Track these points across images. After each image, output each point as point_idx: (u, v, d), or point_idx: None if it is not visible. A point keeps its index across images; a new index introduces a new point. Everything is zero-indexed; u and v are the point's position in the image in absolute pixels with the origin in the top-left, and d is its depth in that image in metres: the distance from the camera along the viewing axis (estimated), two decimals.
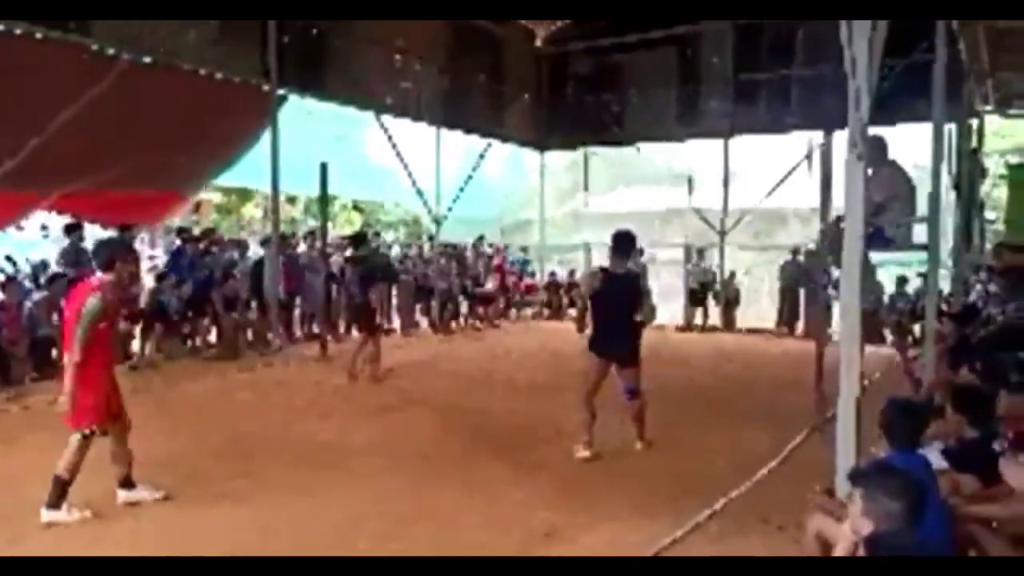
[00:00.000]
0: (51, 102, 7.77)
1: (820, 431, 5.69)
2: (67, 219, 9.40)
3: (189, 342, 10.01)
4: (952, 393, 4.03)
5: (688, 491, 4.77)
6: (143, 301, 9.36)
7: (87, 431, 4.20)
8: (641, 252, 10.92)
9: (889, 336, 11.38)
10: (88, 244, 9.33)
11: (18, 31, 7.84)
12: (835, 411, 3.97)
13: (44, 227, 13.64)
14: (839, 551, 2.68)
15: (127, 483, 4.48)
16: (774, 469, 5.25)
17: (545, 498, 4.68)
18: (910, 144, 13.09)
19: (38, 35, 8.07)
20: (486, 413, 6.96)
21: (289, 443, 5.83)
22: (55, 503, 4.17)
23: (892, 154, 5.76)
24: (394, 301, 12.79)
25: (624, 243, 5.60)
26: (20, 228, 13.11)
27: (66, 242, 9.19)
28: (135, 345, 9.20)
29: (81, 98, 7.89)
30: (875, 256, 11.02)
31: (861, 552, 2.43)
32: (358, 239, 9.86)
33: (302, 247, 11.76)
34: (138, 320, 9.09)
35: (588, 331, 5.60)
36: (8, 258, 9.63)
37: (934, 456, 3.49)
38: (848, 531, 2.56)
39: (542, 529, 4.17)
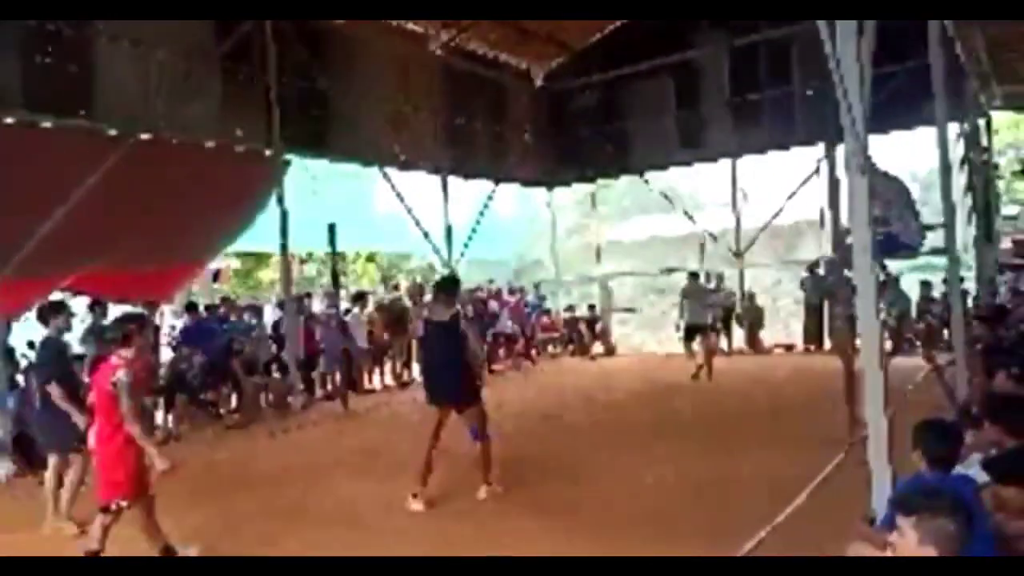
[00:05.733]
0: (60, 187, 7.89)
1: (854, 453, 5.48)
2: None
3: (211, 409, 9.98)
4: (987, 402, 3.86)
5: (718, 527, 4.59)
6: (162, 374, 9.38)
7: (114, 506, 4.16)
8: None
9: (920, 346, 11.10)
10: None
11: (8, 120, 8.00)
12: (868, 431, 3.81)
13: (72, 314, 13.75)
14: None
15: (169, 551, 4.37)
16: (808, 497, 5.04)
17: (573, 543, 4.47)
18: (911, 151, 12.96)
19: (45, 124, 8.31)
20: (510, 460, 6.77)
21: (314, 505, 5.73)
22: None
23: (882, 164, 5.65)
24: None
25: (448, 287, 5.70)
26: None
27: (89, 321, 9.21)
28: (158, 418, 9.19)
29: (88, 180, 8.01)
30: (897, 264, 10.87)
31: None
32: None
33: (317, 305, 11.76)
34: (160, 393, 9.09)
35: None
36: (30, 343, 9.69)
37: (974, 470, 3.32)
38: None
39: None
